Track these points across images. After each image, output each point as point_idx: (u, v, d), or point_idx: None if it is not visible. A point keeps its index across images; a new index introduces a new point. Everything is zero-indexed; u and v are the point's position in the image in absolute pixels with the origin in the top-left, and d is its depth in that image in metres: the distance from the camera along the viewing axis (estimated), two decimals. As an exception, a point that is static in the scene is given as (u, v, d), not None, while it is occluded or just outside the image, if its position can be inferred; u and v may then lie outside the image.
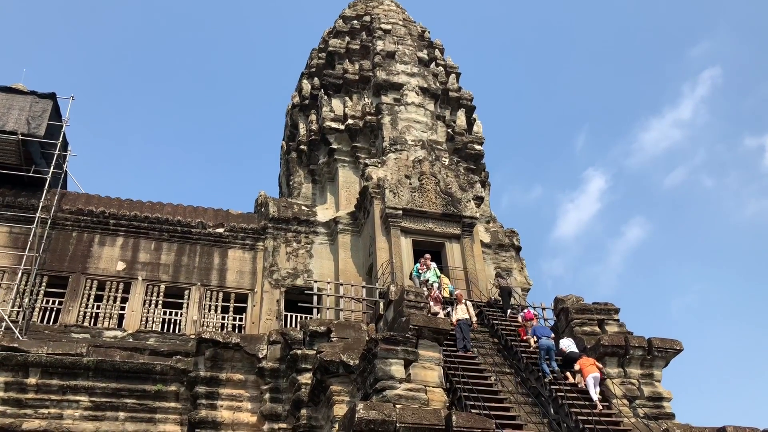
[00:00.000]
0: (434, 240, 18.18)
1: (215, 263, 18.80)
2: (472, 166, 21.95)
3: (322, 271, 19.06)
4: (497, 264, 20.38)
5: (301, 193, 21.66)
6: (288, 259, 19.26)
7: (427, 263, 15.96)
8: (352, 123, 21.16)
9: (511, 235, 21.30)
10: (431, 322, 11.55)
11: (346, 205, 20.22)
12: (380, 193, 18.47)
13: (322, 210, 20.57)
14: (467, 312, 13.96)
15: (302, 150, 22.20)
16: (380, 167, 19.23)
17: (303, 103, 23.34)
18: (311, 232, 19.86)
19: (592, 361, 12.96)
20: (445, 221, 18.33)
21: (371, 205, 18.62)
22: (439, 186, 18.84)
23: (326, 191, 21.34)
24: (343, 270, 18.81)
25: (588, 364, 12.87)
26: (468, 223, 18.38)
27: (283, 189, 24.57)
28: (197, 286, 18.24)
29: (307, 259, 19.37)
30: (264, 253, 19.20)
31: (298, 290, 18.55)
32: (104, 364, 14.85)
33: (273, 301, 18.36)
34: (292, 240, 19.61)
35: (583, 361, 13.07)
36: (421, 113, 21.38)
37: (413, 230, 18.07)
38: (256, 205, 21.45)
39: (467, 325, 13.60)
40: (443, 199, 18.57)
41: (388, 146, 20.04)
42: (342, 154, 21.23)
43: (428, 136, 20.85)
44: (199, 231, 19.02)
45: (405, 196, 18.30)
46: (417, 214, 18.19)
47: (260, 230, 19.50)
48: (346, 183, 20.77)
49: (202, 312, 17.90)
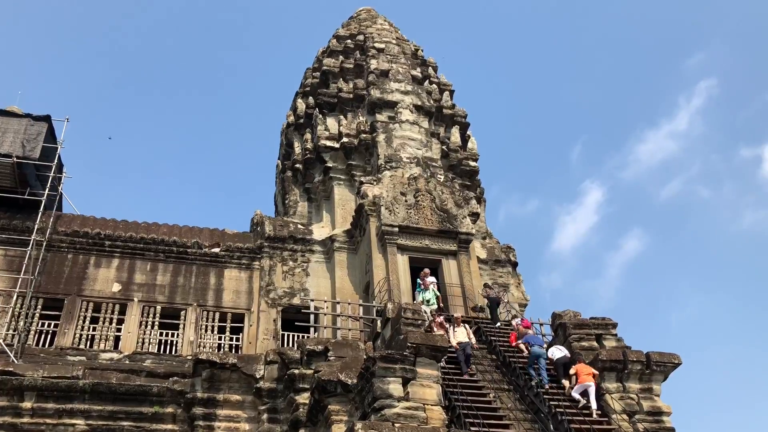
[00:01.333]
0: (431, 257, 18.21)
1: (211, 283, 18.80)
2: (468, 182, 22.05)
3: (318, 290, 19.06)
4: (494, 280, 20.39)
5: (296, 211, 21.72)
6: (284, 278, 19.27)
7: (425, 282, 15.97)
8: (347, 141, 21.29)
9: (508, 251, 21.35)
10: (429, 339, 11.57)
11: (342, 223, 20.28)
12: (376, 210, 18.56)
13: (318, 228, 20.63)
14: (467, 335, 13.95)
15: (297, 169, 22.29)
16: (376, 185, 19.33)
17: (298, 122, 23.50)
18: (307, 250, 19.89)
19: (590, 370, 12.98)
20: (442, 238, 18.39)
21: (367, 223, 18.68)
22: (434, 203, 18.93)
23: (322, 209, 21.41)
24: (340, 288, 18.82)
25: (585, 372, 12.90)
26: (464, 239, 18.44)
27: (279, 208, 24.61)
28: (193, 306, 18.23)
29: (304, 278, 19.37)
30: (260, 273, 19.22)
31: (295, 309, 18.54)
32: (100, 387, 14.79)
33: (270, 320, 18.34)
34: (289, 259, 19.63)
35: (580, 367, 13.09)
36: (416, 131, 21.53)
37: (410, 247, 18.13)
38: (252, 225, 21.47)
39: (468, 346, 13.60)
40: (439, 216, 18.65)
41: (384, 164, 20.18)
42: (337, 172, 21.33)
43: (423, 153, 20.99)
44: (195, 251, 19.06)
45: (401, 213, 18.38)
46: (413, 231, 18.25)
47: (256, 249, 19.53)
48: (342, 201, 20.85)
49: (198, 332, 17.86)
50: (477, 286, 17.76)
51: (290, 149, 23.80)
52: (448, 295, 17.43)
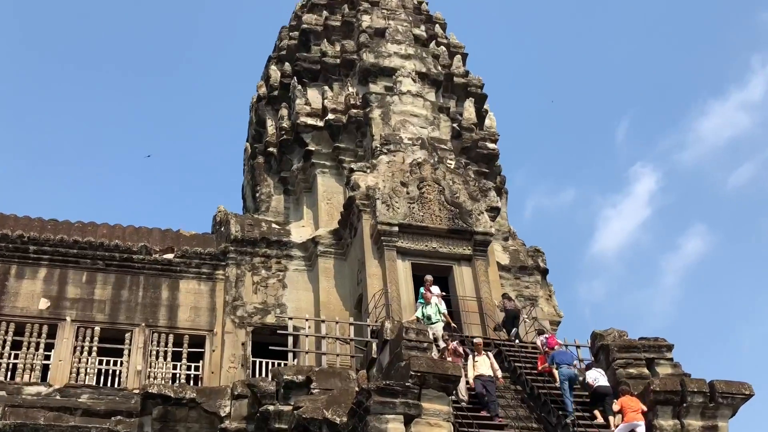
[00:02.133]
0: (439, 263, 18.22)
1: (164, 298, 18.81)
2: (485, 169, 22.07)
3: (298, 305, 19.07)
4: (518, 291, 20.41)
5: (270, 206, 21.72)
6: (255, 290, 19.27)
7: (427, 295, 15.93)
8: (333, 118, 21.29)
9: (536, 255, 21.39)
10: (438, 366, 11.56)
11: (327, 222, 20.29)
12: (370, 205, 18.56)
13: (297, 228, 20.61)
14: (490, 366, 13.90)
15: (271, 153, 22.30)
16: (370, 173, 19.31)
17: (271, 94, 23.50)
18: (284, 256, 19.89)
19: (639, 406, 12.98)
20: (453, 239, 18.39)
21: (359, 221, 18.68)
22: (443, 195, 18.95)
23: (302, 204, 21.40)
24: (326, 303, 18.83)
25: (633, 408, 12.87)
26: (481, 240, 18.45)
27: (248, 202, 24.58)
28: (141, 327, 18.23)
29: (280, 291, 19.38)
30: (225, 284, 19.23)
31: (269, 330, 18.55)
32: (25, 429, 14.73)
33: (237, 344, 18.35)
34: (261, 266, 19.63)
35: (626, 400, 13.05)
36: (420, 105, 21.54)
37: (413, 251, 18.12)
38: (215, 224, 21.49)
39: (492, 383, 13.58)
40: (449, 212, 18.67)
41: (379, 146, 20.19)
42: (321, 158, 21.34)
43: (429, 132, 21.02)
44: (143, 258, 19.05)
45: (401, 208, 18.40)
46: (417, 231, 18.26)
47: (220, 255, 19.54)
48: (327, 193, 20.84)
49: (147, 360, 17.85)
50: (497, 300, 17.78)
51: (261, 129, 23.81)
52: (461, 311, 17.44)
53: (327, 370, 14.57)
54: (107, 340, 18.02)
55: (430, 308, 15.55)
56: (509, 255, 21.19)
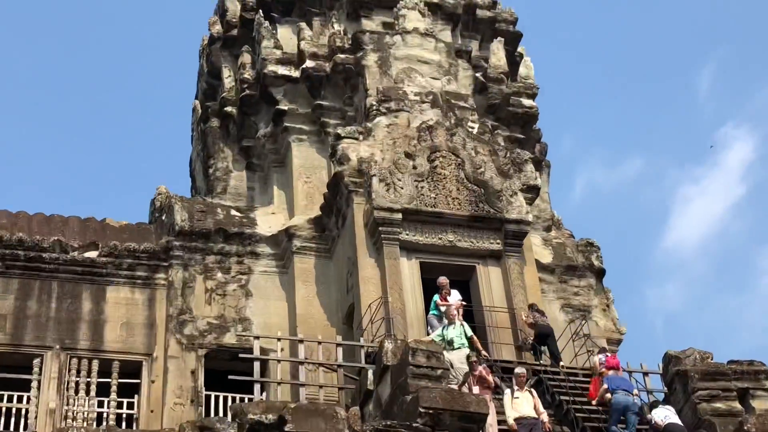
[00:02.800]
0: (457, 262, 18.23)
1: (85, 311, 18.75)
2: (519, 134, 21.99)
3: (267, 320, 19.04)
4: (565, 300, 20.40)
5: (228, 187, 21.68)
6: (210, 300, 19.25)
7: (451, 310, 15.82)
8: (314, 67, 21.20)
9: (588, 250, 21.36)
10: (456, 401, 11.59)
11: (306, 207, 20.25)
12: (364, 184, 18.51)
13: (265, 215, 20.55)
14: (534, 404, 13.95)
15: (228, 114, 22.27)
16: (363, 141, 19.23)
17: (228, 34, 23.43)
18: (248, 253, 19.84)
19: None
20: (476, 230, 18.40)
21: (349, 206, 18.63)
22: (463, 170, 18.88)
23: (271, 183, 21.34)
24: (304, 317, 18.79)
25: None
26: (514, 231, 18.42)
27: (199, 181, 24.53)
28: (55, 351, 18.14)
29: (242, 300, 19.34)
30: (168, 292, 19.18)
31: (228, 353, 18.51)
32: None
33: (185, 372, 18.31)
34: (216, 268, 19.59)
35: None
36: (431, 47, 21.39)
37: (422, 246, 18.12)
38: (153, 211, 21.44)
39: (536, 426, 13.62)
40: (471, 193, 18.61)
41: (376, 105, 20.13)
42: (297, 120, 21.30)
43: (443, 85, 20.93)
44: (57, 257, 18.97)
45: (406, 188, 18.35)
46: (428, 219, 18.25)
47: (161, 253, 19.48)
48: (305, 169, 20.79)
49: (63, 395, 17.75)
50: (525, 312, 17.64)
51: (216, 81, 23.73)
52: (486, 326, 17.46)
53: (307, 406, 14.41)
54: (7, 368, 17.86)
55: (453, 330, 15.44)
56: (552, 251, 21.16)
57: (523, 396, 14.02)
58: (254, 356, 16.07)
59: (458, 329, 15.50)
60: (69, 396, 17.80)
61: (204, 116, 23.57)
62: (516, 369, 14.78)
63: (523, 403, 13.90)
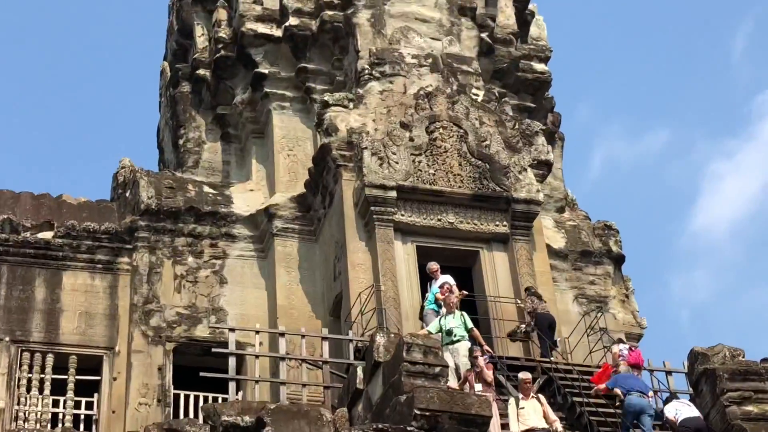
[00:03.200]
0: (458, 246, 18.33)
1: (38, 299, 18.81)
2: (530, 102, 22.04)
3: (244, 311, 19.13)
4: (579, 289, 20.52)
5: (201, 160, 21.75)
6: (179, 288, 19.33)
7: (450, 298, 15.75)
8: (298, 25, 21.21)
9: (606, 234, 21.45)
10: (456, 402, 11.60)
11: (288, 184, 20.32)
12: (354, 158, 18.56)
13: (242, 193, 20.62)
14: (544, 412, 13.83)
15: (201, 78, 22.26)
16: (353, 108, 19.26)
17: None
18: (223, 235, 19.90)
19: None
20: (480, 210, 18.52)
21: (337, 183, 18.69)
22: (466, 142, 18.93)
23: (250, 156, 21.41)
24: (286, 307, 18.86)
25: None
26: (523, 212, 18.51)
27: (167, 154, 24.50)
28: (4, 343, 18.19)
29: (216, 288, 19.40)
30: (132, 279, 19.24)
31: (200, 347, 18.61)
32: None
33: (152, 368, 18.38)
34: (187, 252, 19.65)
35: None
36: (430, 3, 21.40)
37: (419, 228, 18.21)
38: (116, 186, 21.42)
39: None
40: (475, 169, 18.68)
41: (368, 68, 20.14)
42: (279, 85, 21.33)
43: (444, 46, 20.94)
44: (6, 238, 19.00)
45: (402, 163, 18.39)
46: (426, 198, 18.34)
47: (124, 234, 19.52)
48: (289, 140, 20.85)
49: (13, 393, 17.81)
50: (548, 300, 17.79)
51: (187, 41, 23.73)
52: (491, 318, 17.55)
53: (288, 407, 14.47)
54: (-48, 363, 17.95)
55: (453, 320, 15.36)
56: (566, 234, 21.26)
57: (529, 405, 13.82)
58: (229, 351, 16.07)
59: (458, 319, 15.39)
60: (20, 394, 17.83)
61: (174, 80, 23.52)
62: (520, 374, 14.56)
63: (530, 413, 13.73)
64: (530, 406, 13.84)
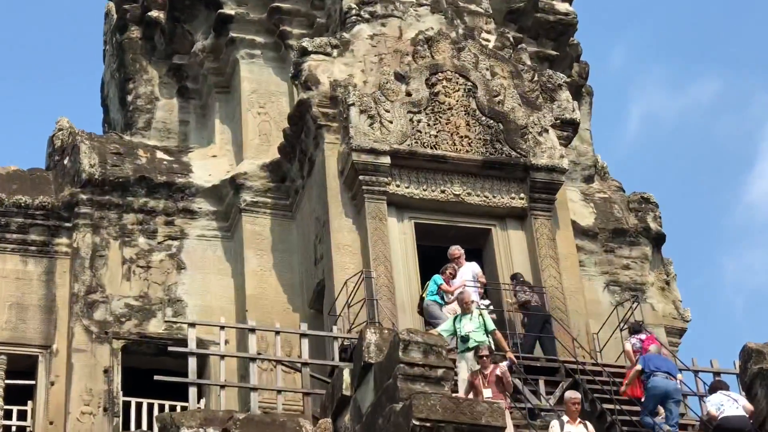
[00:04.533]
0: (465, 223, 18.44)
1: (-42, 288, 18.89)
2: (551, 50, 22.06)
3: (206, 302, 19.28)
4: (611, 275, 20.63)
5: (154, 119, 21.83)
6: (129, 274, 19.45)
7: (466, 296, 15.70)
8: (270, -46, 21.17)
9: (643, 209, 21.54)
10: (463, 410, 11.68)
11: (259, 148, 20.43)
12: (339, 117, 18.57)
13: (203, 159, 20.73)
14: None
15: (154, 21, 22.22)
16: (338, 57, 19.29)
17: None
18: (180, 210, 20.00)
19: None
20: (492, 180, 18.61)
21: (319, 146, 18.74)
22: (475, 98, 18.95)
23: (213, 115, 21.52)
24: (257, 298, 18.96)
25: None
26: (544, 182, 18.57)
27: (114, 112, 24.50)
28: None
29: (173, 275, 19.51)
30: (72, 264, 19.33)
31: (154, 346, 18.75)
32: None
33: (96, 371, 18.45)
34: (137, 231, 19.74)
35: None
36: (431, -75, 21.35)
37: (418, 202, 18.32)
38: (52, 152, 21.49)
39: None
40: (486, 130, 18.72)
41: (356, 8, 20.11)
42: (247, 29, 21.34)
43: (448, -19, 20.87)
44: None
45: (397, 122, 18.38)
46: (426, 166, 18.43)
47: (62, 209, 19.59)
48: (260, 95, 20.95)
49: (-72, 401, 17.87)
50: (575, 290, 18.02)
51: (136, -25, 23.57)
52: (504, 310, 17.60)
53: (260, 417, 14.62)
54: None
55: (470, 322, 15.40)
56: (595, 209, 21.33)
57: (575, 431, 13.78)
58: (189, 350, 16.07)
59: (476, 320, 15.39)
60: (-65, 403, 17.94)
61: (121, 24, 23.39)
62: (567, 393, 14.48)
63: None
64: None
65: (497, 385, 14.11)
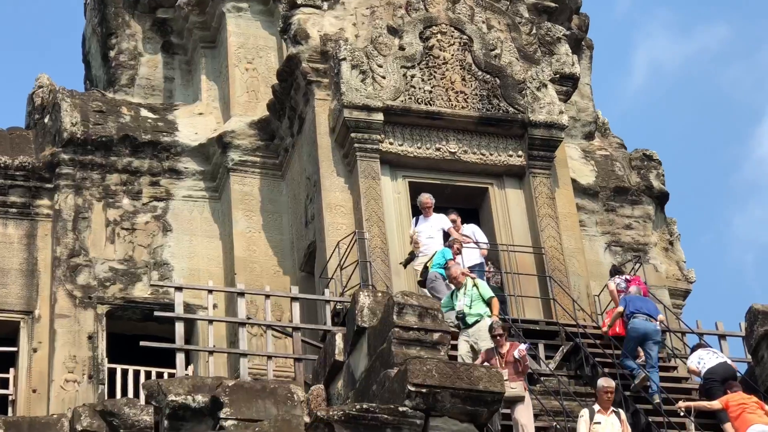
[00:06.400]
0: (461, 182, 18.49)
1: (-65, 252, 18.94)
2: (549, 2, 21.79)
3: (193, 265, 19.34)
4: (613, 235, 20.66)
5: (137, 76, 21.78)
6: (113, 236, 19.46)
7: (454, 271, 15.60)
8: None
9: (646, 166, 21.55)
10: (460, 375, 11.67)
11: (247, 105, 20.38)
12: (330, 72, 18.52)
13: (189, 117, 20.72)
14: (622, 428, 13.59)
15: (137, -29, 22.10)
16: (328, 9, 19.25)
17: None
18: (166, 171, 20.00)
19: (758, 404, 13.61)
20: (489, 137, 18.62)
21: (309, 103, 18.72)
22: (470, 52, 18.94)
23: (198, 71, 21.52)
24: (245, 260, 18.99)
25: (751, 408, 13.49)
26: (543, 139, 18.57)
27: (96, 69, 24.44)
28: None
29: (159, 237, 19.53)
30: (54, 226, 19.36)
31: (140, 311, 18.84)
32: None
33: (80, 337, 18.49)
34: (121, 191, 19.73)
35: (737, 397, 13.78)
36: None
37: (412, 160, 18.36)
38: (32, 110, 21.47)
39: None
40: (482, 85, 18.73)
41: (347, -41, 19.96)
42: (233, -20, 21.18)
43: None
44: None
45: (390, 78, 18.39)
46: (420, 122, 18.41)
47: (43, 169, 19.61)
48: (247, 50, 20.87)
49: None
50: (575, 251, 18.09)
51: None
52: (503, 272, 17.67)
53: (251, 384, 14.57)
54: None
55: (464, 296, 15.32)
56: (595, 167, 21.32)
57: (606, 421, 13.41)
58: (176, 315, 16.01)
59: (470, 293, 15.27)
60: None
61: (101, -24, 23.27)
62: (600, 381, 14.04)
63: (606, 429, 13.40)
64: (608, 423, 13.40)
65: (514, 366, 14.00)
